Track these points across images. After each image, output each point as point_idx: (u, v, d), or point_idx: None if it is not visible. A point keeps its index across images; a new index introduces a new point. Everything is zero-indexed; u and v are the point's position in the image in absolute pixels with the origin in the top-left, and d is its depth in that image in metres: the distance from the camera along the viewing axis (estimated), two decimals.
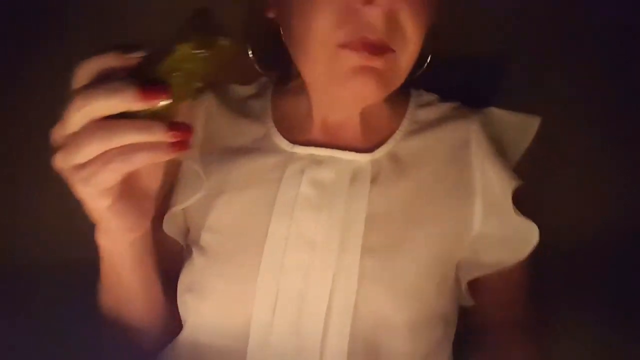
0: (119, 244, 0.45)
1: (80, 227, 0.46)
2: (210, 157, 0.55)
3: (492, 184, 0.53)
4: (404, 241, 0.50)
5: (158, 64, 0.37)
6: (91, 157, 0.36)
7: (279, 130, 0.55)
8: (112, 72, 0.36)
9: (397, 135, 0.55)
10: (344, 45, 0.45)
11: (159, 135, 0.36)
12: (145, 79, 0.35)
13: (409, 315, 0.48)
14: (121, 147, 0.36)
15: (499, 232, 0.53)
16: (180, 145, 0.37)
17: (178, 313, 0.54)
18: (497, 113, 0.58)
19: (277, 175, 0.52)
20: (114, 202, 0.40)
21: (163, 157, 0.37)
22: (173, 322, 0.54)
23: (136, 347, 0.54)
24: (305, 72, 0.50)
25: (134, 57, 0.37)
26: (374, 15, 0.44)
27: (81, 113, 0.35)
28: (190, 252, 0.54)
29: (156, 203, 0.46)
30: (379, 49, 0.45)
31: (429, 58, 0.58)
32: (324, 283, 0.47)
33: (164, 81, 0.36)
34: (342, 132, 0.55)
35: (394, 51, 0.46)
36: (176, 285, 0.54)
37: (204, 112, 0.57)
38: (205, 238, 0.52)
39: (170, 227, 0.55)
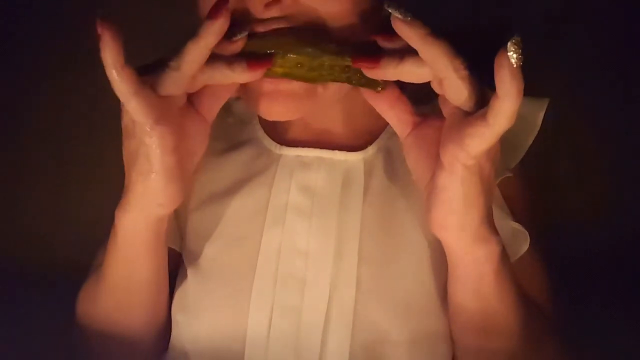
0: (140, 221, 0.44)
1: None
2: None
3: None
4: (401, 246, 0.48)
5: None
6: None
7: (266, 130, 0.53)
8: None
9: (389, 130, 0.52)
10: None
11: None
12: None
13: (409, 330, 0.46)
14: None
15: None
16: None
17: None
18: None
19: (266, 180, 0.50)
20: (172, 167, 0.40)
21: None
22: (166, 335, 0.52)
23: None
24: None
25: (240, 39, 0.39)
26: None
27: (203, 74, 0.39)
28: (184, 268, 0.51)
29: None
30: None
31: None
32: (321, 295, 0.46)
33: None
34: (328, 133, 0.52)
35: None
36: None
37: None
38: (199, 250, 0.50)
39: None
